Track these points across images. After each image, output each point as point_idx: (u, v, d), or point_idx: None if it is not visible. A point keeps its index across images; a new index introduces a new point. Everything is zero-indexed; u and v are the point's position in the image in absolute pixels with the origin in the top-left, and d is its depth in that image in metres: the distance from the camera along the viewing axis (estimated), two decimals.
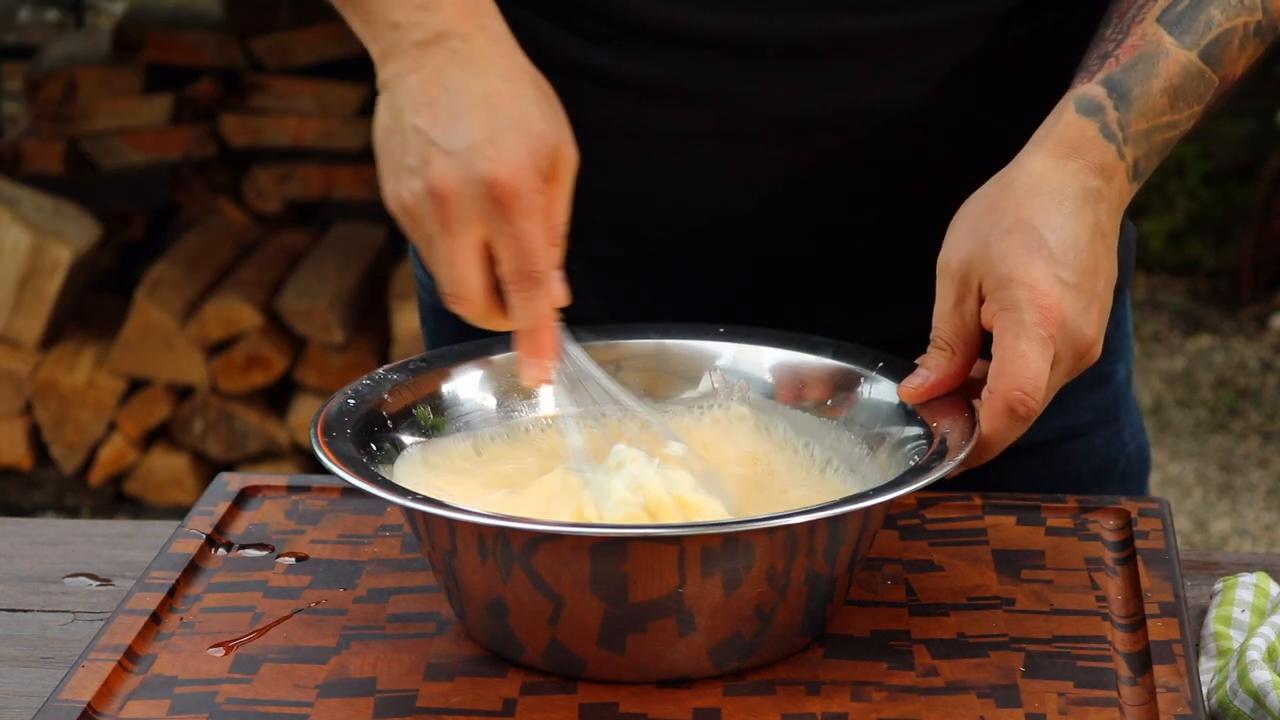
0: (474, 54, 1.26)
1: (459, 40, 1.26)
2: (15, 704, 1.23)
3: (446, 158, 1.22)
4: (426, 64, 1.25)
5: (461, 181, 1.22)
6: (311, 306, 4.26)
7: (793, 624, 1.22)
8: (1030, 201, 1.27)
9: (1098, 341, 1.27)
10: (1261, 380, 4.91)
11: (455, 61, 1.25)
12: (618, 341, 1.40)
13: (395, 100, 1.26)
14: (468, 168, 1.22)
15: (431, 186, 1.22)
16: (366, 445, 1.28)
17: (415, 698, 1.19)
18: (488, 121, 1.23)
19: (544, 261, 1.24)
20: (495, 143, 1.22)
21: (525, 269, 1.23)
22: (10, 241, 4.30)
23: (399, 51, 1.27)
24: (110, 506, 4.36)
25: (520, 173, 1.22)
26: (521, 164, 1.22)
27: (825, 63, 1.40)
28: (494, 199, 1.22)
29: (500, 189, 1.22)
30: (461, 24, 1.27)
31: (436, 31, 1.26)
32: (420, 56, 1.26)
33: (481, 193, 1.22)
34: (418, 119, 1.24)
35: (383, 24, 1.28)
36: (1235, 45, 1.34)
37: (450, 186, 1.22)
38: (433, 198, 1.23)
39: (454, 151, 1.22)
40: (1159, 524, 1.37)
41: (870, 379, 1.34)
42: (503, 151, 1.22)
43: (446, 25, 1.26)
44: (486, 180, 1.21)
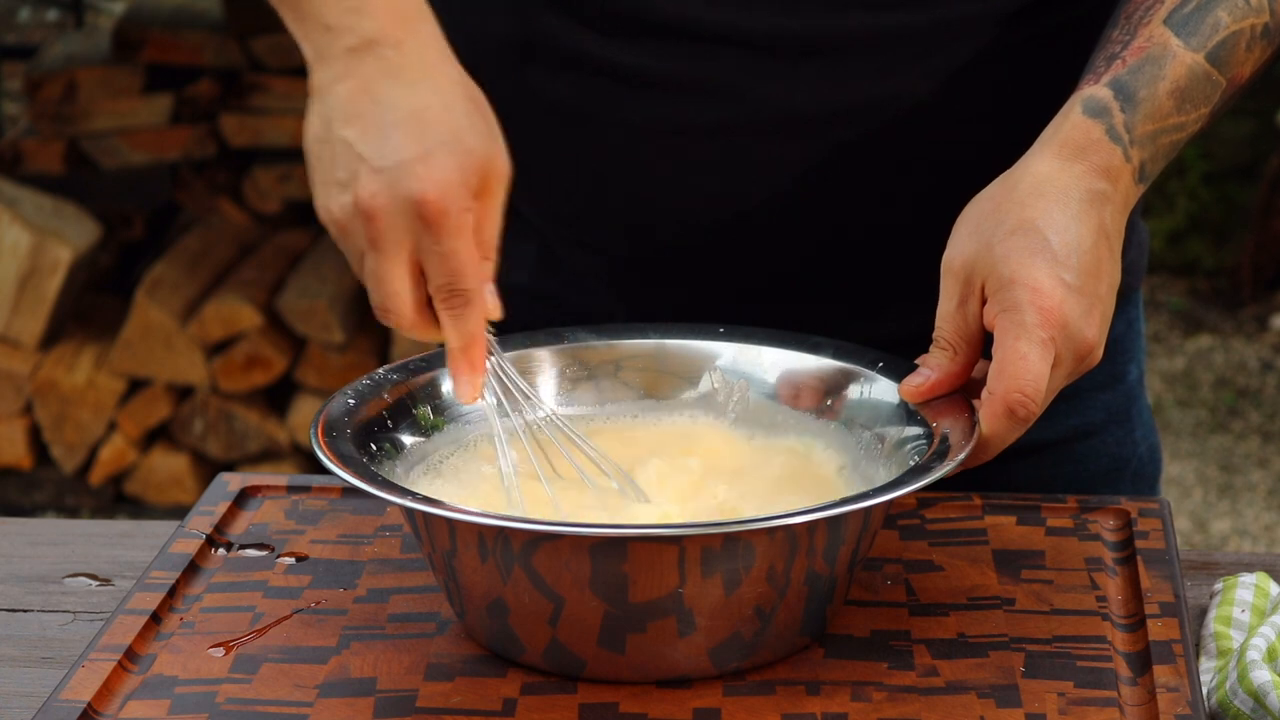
0: (405, 64, 1.24)
1: (390, 48, 1.24)
2: (15, 704, 1.23)
3: (375, 175, 1.21)
4: (357, 73, 1.24)
5: (390, 199, 1.21)
6: (311, 306, 4.26)
7: (793, 624, 1.22)
8: (1035, 203, 1.27)
9: (1099, 344, 1.27)
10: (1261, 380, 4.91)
11: (386, 72, 1.23)
12: (617, 341, 1.40)
13: (326, 109, 1.25)
14: (396, 186, 1.21)
15: (360, 203, 1.21)
16: (366, 445, 1.28)
17: (415, 698, 1.19)
18: (417, 138, 1.21)
19: (473, 279, 1.23)
20: (424, 160, 1.21)
21: (454, 287, 1.23)
22: (10, 241, 4.30)
23: (330, 57, 1.25)
24: (110, 506, 4.36)
25: (449, 191, 1.21)
26: (450, 182, 1.21)
27: (837, 59, 1.40)
28: (422, 218, 1.21)
29: (428, 208, 1.20)
30: (393, 30, 1.24)
31: (367, 38, 1.24)
32: (351, 64, 1.24)
33: (410, 211, 1.21)
34: (347, 131, 1.23)
35: (315, 25, 1.26)
36: (1242, 47, 1.34)
37: (379, 204, 1.21)
38: (361, 215, 1.22)
39: (383, 169, 1.21)
40: (1159, 524, 1.37)
41: (870, 379, 1.34)
42: (432, 170, 1.21)
43: (378, 31, 1.24)
44: (415, 199, 1.20)
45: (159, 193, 4.70)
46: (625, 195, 1.46)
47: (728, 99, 1.41)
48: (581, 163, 1.46)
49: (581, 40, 1.43)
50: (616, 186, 1.46)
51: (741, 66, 1.40)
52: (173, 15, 4.62)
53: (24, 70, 4.78)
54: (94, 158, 4.55)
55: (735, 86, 1.41)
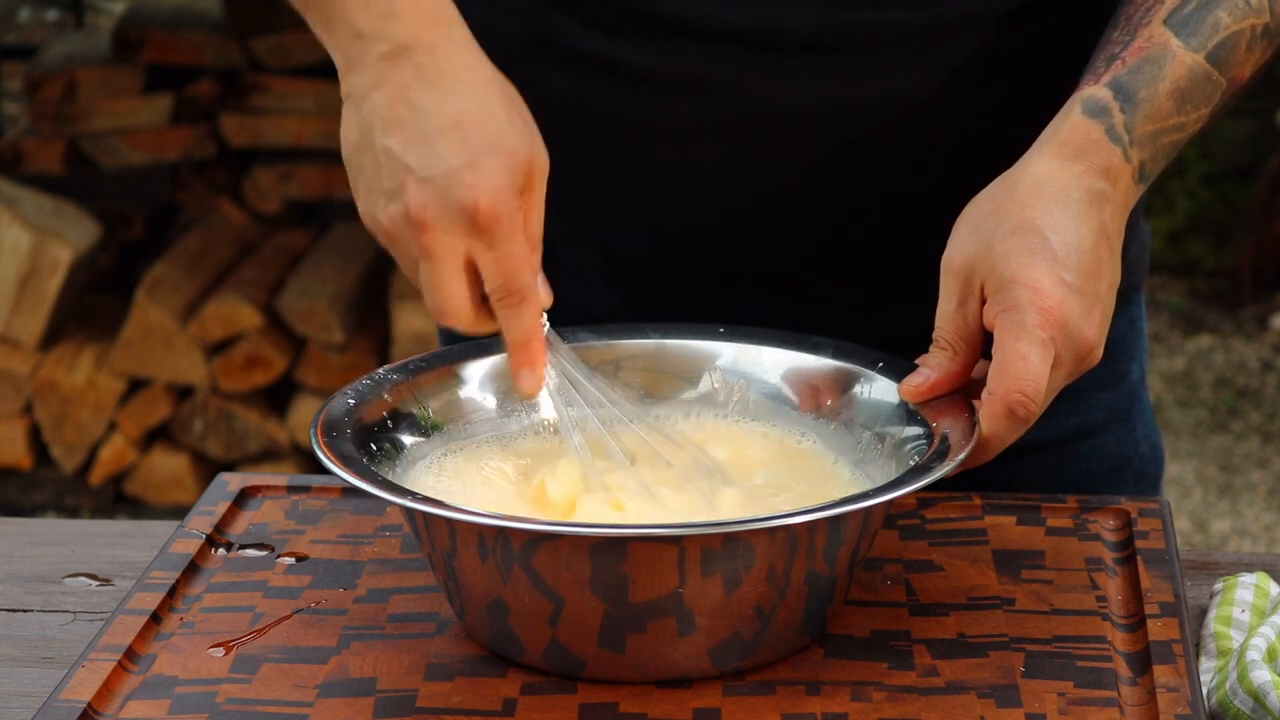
0: (440, 69, 1.24)
1: (424, 54, 1.24)
2: (15, 704, 1.23)
3: (423, 185, 1.22)
4: (392, 80, 1.24)
5: (441, 209, 1.21)
6: (311, 306, 4.26)
7: (793, 624, 1.22)
8: (1034, 203, 1.27)
9: (1099, 344, 1.27)
10: (1261, 380, 4.91)
11: (421, 78, 1.24)
12: (617, 341, 1.40)
13: (363, 117, 1.25)
14: (446, 195, 1.21)
15: (411, 214, 1.22)
16: (366, 445, 1.28)
17: (415, 698, 1.19)
18: (461, 145, 1.22)
19: (528, 276, 1.24)
20: (471, 167, 1.21)
21: (511, 286, 1.24)
22: (10, 241, 4.30)
23: (363, 64, 1.25)
24: (110, 506, 4.36)
25: (498, 195, 1.22)
26: (499, 186, 1.22)
27: (841, 56, 1.40)
28: (475, 225, 1.21)
29: (481, 215, 1.21)
30: (426, 35, 1.25)
31: (400, 44, 1.24)
32: (385, 71, 1.24)
33: (462, 219, 1.21)
34: (389, 140, 1.23)
35: (345, 32, 1.26)
36: (1243, 47, 1.34)
37: (430, 214, 1.22)
38: (412, 224, 1.22)
39: (430, 178, 1.22)
40: (1159, 524, 1.37)
41: (870, 379, 1.34)
42: (480, 176, 1.21)
43: (411, 37, 1.24)
44: (466, 207, 1.21)
45: (159, 193, 4.70)
46: (627, 192, 1.46)
47: (730, 97, 1.41)
48: (584, 160, 1.46)
49: (585, 38, 1.43)
50: (618, 184, 1.46)
51: (744, 64, 1.40)
52: (173, 15, 4.62)
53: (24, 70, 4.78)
54: (94, 158, 4.55)
55: (738, 84, 1.41)
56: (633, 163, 1.45)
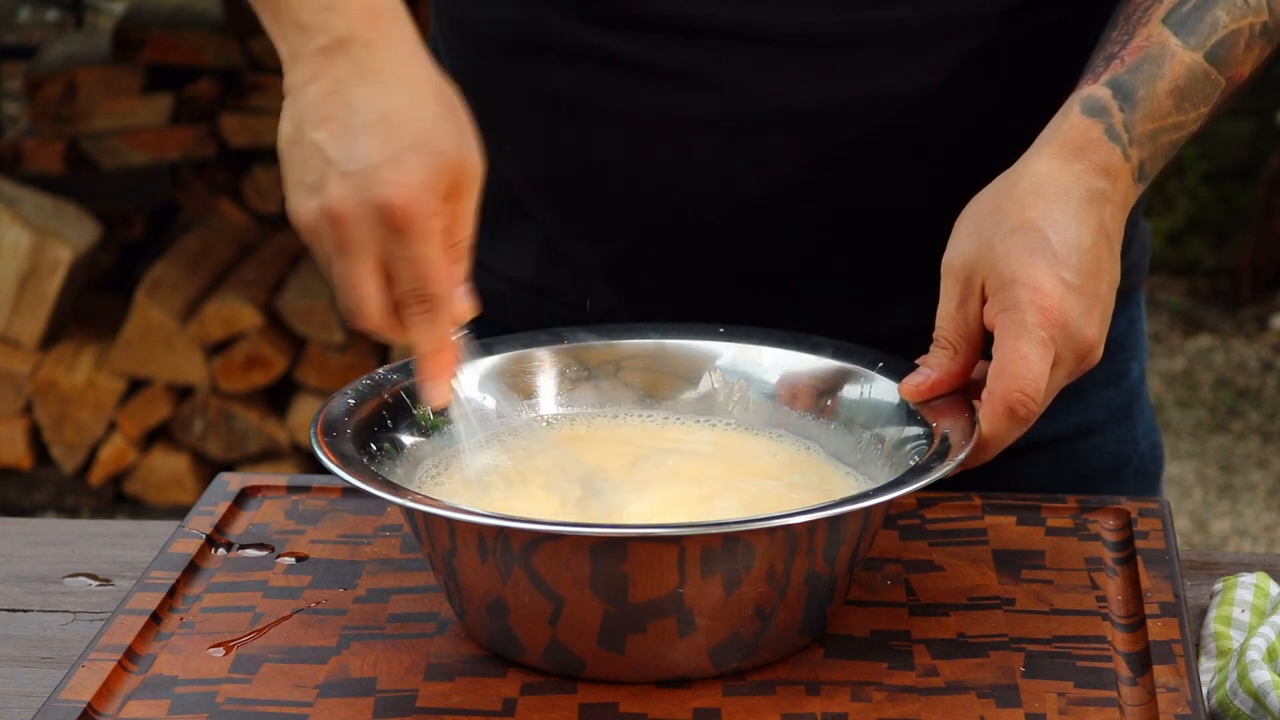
0: (376, 64, 1.23)
1: (361, 48, 1.23)
2: (15, 704, 1.23)
3: (343, 179, 1.20)
4: (328, 73, 1.23)
5: (356, 204, 1.20)
6: (311, 306, 4.26)
7: (793, 624, 1.22)
8: (1035, 203, 1.27)
9: (1099, 343, 1.27)
10: (1261, 380, 4.91)
11: (357, 73, 1.23)
12: (617, 341, 1.40)
13: (298, 110, 1.24)
14: (363, 190, 1.20)
15: (328, 208, 1.21)
16: (366, 445, 1.28)
17: (415, 698, 1.19)
18: (385, 141, 1.20)
19: (441, 284, 1.22)
20: (392, 164, 1.20)
21: (421, 292, 1.22)
22: (10, 241, 4.30)
23: (302, 56, 1.24)
24: (110, 506, 4.36)
25: (416, 195, 1.20)
26: (418, 186, 1.20)
27: (841, 53, 1.40)
28: (389, 223, 1.20)
29: (395, 213, 1.19)
30: (365, 29, 1.23)
31: (339, 37, 1.23)
32: (323, 64, 1.23)
33: (377, 216, 1.20)
34: (317, 133, 1.22)
35: (290, 24, 1.25)
36: (1241, 46, 1.34)
37: (346, 209, 1.20)
38: (329, 219, 1.21)
39: (350, 173, 1.20)
40: (1159, 524, 1.37)
41: (870, 379, 1.34)
42: (399, 174, 1.20)
43: (349, 30, 1.23)
44: (381, 204, 1.19)
45: (159, 193, 4.70)
46: (627, 188, 1.46)
47: (729, 93, 1.41)
48: (584, 155, 1.46)
49: (584, 34, 1.43)
50: (618, 179, 1.46)
51: (743, 61, 1.41)
52: (173, 15, 4.62)
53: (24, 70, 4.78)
54: (94, 158, 4.55)
55: (737, 81, 1.41)
56: (633, 159, 1.45)
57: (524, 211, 1.54)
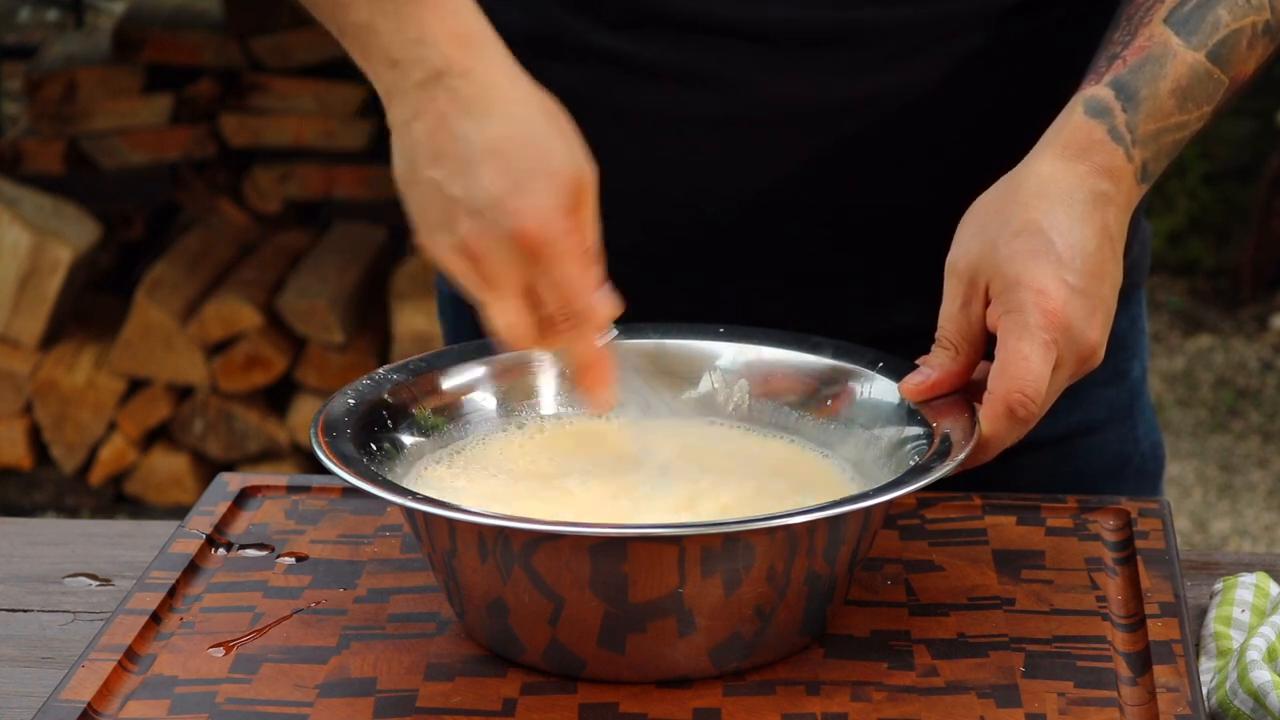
0: (476, 93, 1.23)
1: (458, 78, 1.23)
2: (15, 704, 1.23)
3: (471, 217, 1.21)
4: (430, 109, 1.23)
5: (492, 240, 1.21)
6: (311, 306, 4.26)
7: (793, 624, 1.22)
8: (1038, 204, 1.27)
9: (1101, 346, 1.27)
10: (1261, 380, 4.91)
11: (458, 104, 1.23)
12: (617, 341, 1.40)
13: (407, 148, 1.24)
14: (495, 225, 1.21)
15: (463, 246, 1.22)
16: (366, 445, 1.28)
17: (415, 698, 1.19)
18: (504, 171, 1.21)
19: (585, 297, 1.24)
20: (516, 193, 1.21)
21: (569, 309, 1.24)
22: (10, 241, 4.30)
23: (400, 93, 1.24)
24: (110, 506, 4.36)
25: (548, 219, 1.21)
26: (547, 209, 1.21)
27: (843, 51, 1.40)
28: (526, 251, 1.21)
29: (531, 241, 1.21)
30: (459, 58, 1.24)
31: (435, 70, 1.23)
32: (423, 100, 1.23)
33: (514, 247, 1.21)
34: (433, 172, 1.23)
35: (381, 60, 1.25)
36: (1244, 45, 1.34)
37: (481, 246, 1.21)
38: (466, 256, 1.22)
39: (478, 210, 1.21)
40: (1159, 524, 1.37)
41: (870, 379, 1.34)
42: (525, 201, 1.21)
43: (444, 61, 1.23)
44: (516, 235, 1.21)
45: (159, 193, 4.70)
46: (631, 186, 1.46)
47: (732, 91, 1.41)
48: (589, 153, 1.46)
49: (588, 32, 1.43)
50: (621, 178, 1.46)
51: (746, 59, 1.41)
52: (173, 15, 4.62)
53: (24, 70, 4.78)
54: (94, 158, 4.55)
55: (740, 79, 1.41)
56: (635, 157, 1.45)
57: None
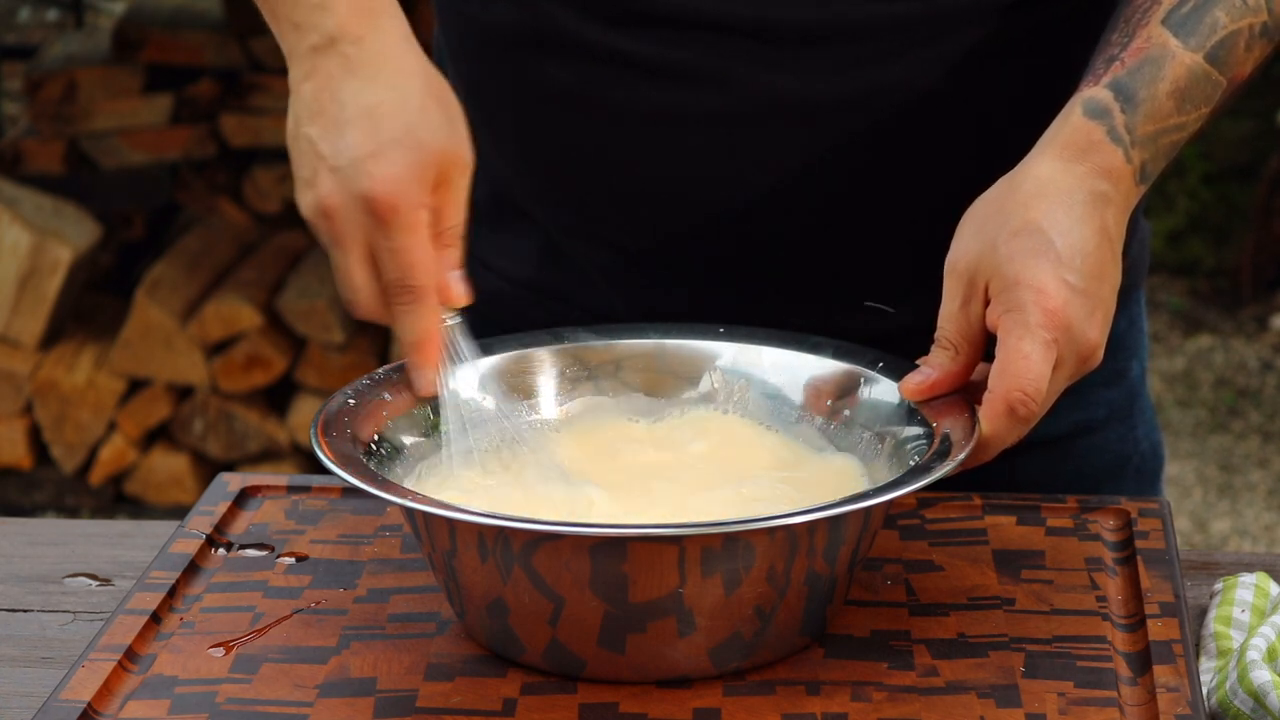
0: (364, 59, 1.27)
1: (350, 44, 1.27)
2: (15, 704, 1.23)
3: (331, 173, 1.25)
4: (320, 71, 1.27)
5: (343, 197, 1.25)
6: (311, 306, 4.26)
7: (793, 624, 1.22)
8: (1038, 204, 1.27)
9: (1100, 346, 1.27)
10: (1261, 380, 4.91)
11: (346, 68, 1.27)
12: (617, 341, 1.40)
13: (295, 107, 1.28)
14: (348, 184, 1.24)
15: (319, 201, 1.26)
16: (366, 445, 1.28)
17: (415, 698, 1.19)
18: (370, 135, 1.25)
19: (424, 275, 1.26)
20: (376, 157, 1.24)
21: (404, 283, 1.26)
22: (10, 241, 4.30)
23: (297, 55, 1.29)
24: (110, 506, 4.36)
25: (399, 187, 1.24)
26: (400, 178, 1.24)
27: (841, 47, 1.40)
28: (373, 214, 1.24)
29: (378, 205, 1.24)
30: (355, 26, 1.27)
31: (329, 35, 1.27)
32: (315, 62, 1.27)
33: (362, 208, 1.24)
34: (311, 129, 1.27)
35: (286, 24, 1.29)
36: (1241, 47, 1.34)
37: (333, 202, 1.25)
38: (320, 212, 1.26)
39: (338, 167, 1.25)
40: (1159, 524, 1.37)
41: (870, 379, 1.34)
42: (382, 166, 1.24)
43: (339, 28, 1.27)
44: (365, 196, 1.24)
45: (159, 193, 4.70)
46: (629, 184, 1.46)
47: (730, 87, 1.42)
48: (586, 151, 1.46)
49: (586, 29, 1.43)
50: (621, 175, 1.46)
51: (743, 55, 1.41)
52: (173, 15, 4.62)
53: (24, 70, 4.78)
54: (94, 158, 4.55)
55: (737, 75, 1.41)
56: (633, 154, 1.45)
57: (524, 210, 1.54)
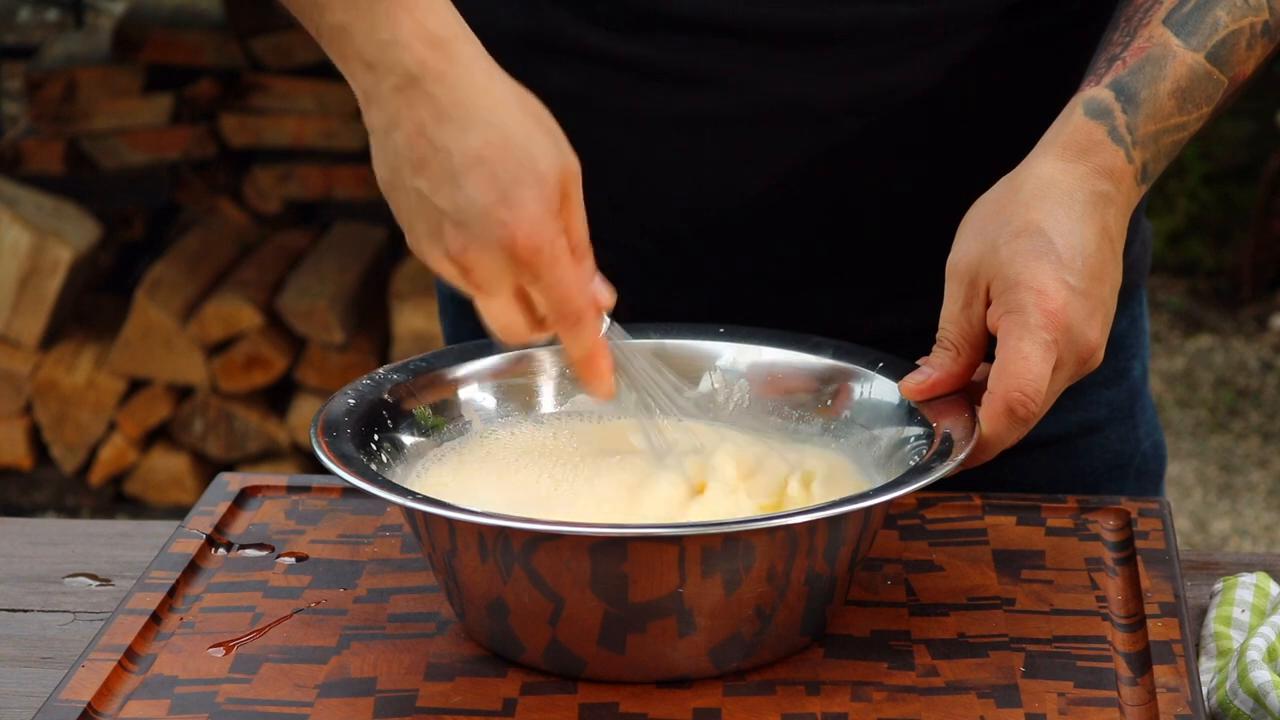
0: (454, 98, 1.21)
1: (433, 83, 1.21)
2: (15, 704, 1.23)
3: (459, 229, 1.20)
4: (408, 117, 1.21)
5: (481, 249, 1.20)
6: (311, 306, 4.26)
7: (793, 624, 1.22)
8: (1039, 205, 1.27)
9: (1101, 347, 1.27)
10: (1261, 380, 4.91)
11: (435, 112, 1.21)
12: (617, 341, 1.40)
13: (389, 157, 1.23)
14: (483, 236, 1.19)
15: (453, 257, 1.21)
16: (366, 445, 1.28)
17: (415, 698, 1.19)
18: (490, 181, 1.19)
19: (579, 297, 1.22)
20: (504, 204, 1.19)
21: (563, 311, 1.22)
22: (10, 241, 4.30)
23: (378, 97, 1.23)
24: (110, 506, 4.36)
25: (537, 227, 1.20)
26: (535, 217, 1.20)
27: (843, 49, 1.40)
28: (516, 259, 1.20)
29: (521, 250, 1.19)
30: (433, 60, 1.22)
31: (409, 75, 1.21)
32: (400, 107, 1.22)
33: (502, 256, 1.20)
34: (418, 181, 1.21)
35: (357, 64, 1.24)
36: (1243, 46, 1.34)
37: (471, 257, 1.20)
38: (457, 267, 1.21)
39: (464, 222, 1.20)
40: (1159, 524, 1.37)
41: (870, 379, 1.34)
42: (513, 211, 1.19)
43: (418, 65, 1.21)
44: (506, 246, 1.19)
45: (159, 193, 4.70)
46: (630, 187, 1.46)
47: (732, 90, 1.42)
48: (587, 154, 1.46)
49: (588, 33, 1.43)
50: (621, 178, 1.46)
51: (746, 58, 1.41)
52: (173, 15, 4.62)
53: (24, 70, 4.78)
54: (94, 158, 4.55)
55: (740, 78, 1.41)
56: (634, 158, 1.45)
57: None
